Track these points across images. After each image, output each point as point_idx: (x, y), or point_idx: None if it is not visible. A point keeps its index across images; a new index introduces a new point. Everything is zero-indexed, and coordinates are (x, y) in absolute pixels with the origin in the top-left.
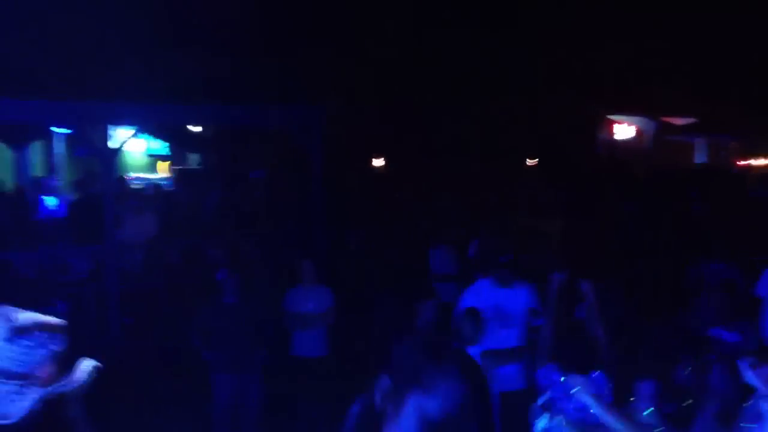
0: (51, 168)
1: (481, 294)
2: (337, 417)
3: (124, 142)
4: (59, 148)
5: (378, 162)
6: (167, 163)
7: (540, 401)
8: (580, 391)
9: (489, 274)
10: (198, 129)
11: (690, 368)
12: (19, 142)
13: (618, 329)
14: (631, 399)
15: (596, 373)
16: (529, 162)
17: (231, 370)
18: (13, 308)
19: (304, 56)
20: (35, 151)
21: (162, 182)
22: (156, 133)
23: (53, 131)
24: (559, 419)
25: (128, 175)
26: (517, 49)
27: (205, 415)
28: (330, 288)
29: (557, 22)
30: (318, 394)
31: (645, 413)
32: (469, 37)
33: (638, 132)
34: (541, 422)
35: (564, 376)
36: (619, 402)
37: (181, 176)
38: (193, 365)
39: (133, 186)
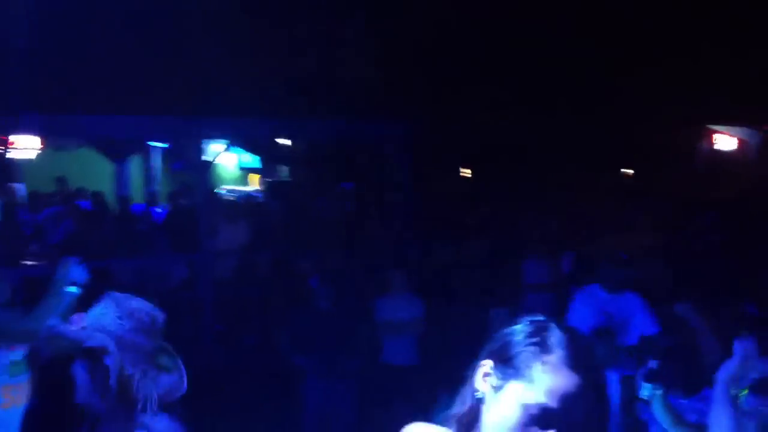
0: (149, 180)
1: (592, 301)
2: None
3: (218, 155)
4: (156, 161)
5: (468, 172)
6: (258, 175)
7: (642, 371)
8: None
9: (599, 278)
10: (288, 142)
11: None
12: (118, 156)
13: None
14: None
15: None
16: (625, 174)
17: (323, 376)
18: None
19: (393, 69)
20: (134, 165)
21: (254, 194)
22: (247, 146)
23: (151, 145)
24: (659, 392)
25: (221, 187)
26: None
27: (297, 421)
28: (419, 297)
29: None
30: (408, 402)
31: None
32: (561, 47)
33: (740, 143)
34: (644, 391)
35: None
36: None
37: (271, 188)
38: (285, 371)
39: (226, 198)
